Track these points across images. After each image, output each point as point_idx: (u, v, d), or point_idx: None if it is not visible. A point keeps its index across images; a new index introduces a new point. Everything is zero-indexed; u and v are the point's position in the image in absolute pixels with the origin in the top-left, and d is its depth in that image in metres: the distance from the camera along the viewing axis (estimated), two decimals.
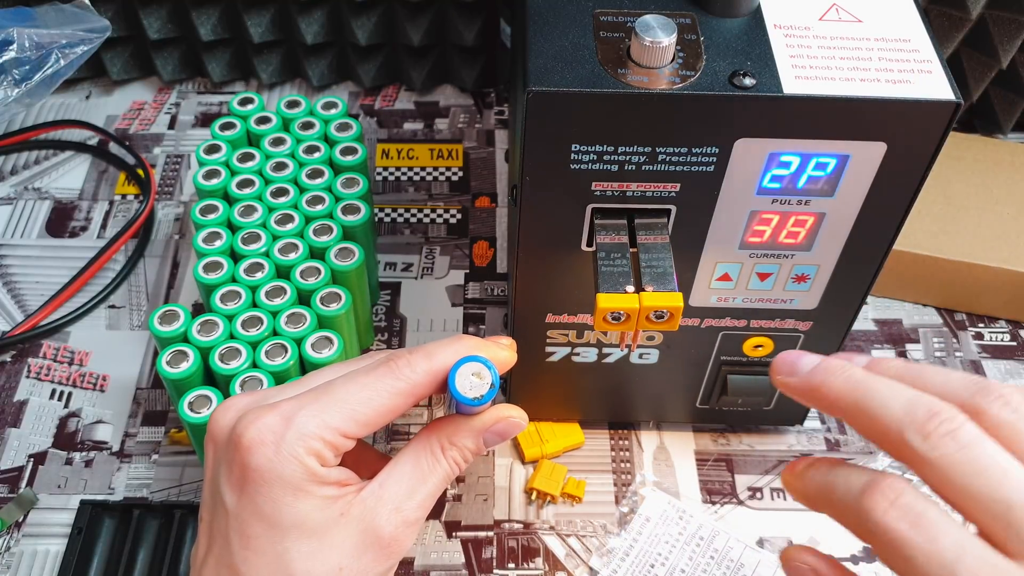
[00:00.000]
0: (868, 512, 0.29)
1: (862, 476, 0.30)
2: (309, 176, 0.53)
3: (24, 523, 0.49)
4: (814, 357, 0.33)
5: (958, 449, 0.28)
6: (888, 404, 0.30)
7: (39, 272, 0.61)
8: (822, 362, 0.32)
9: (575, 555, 0.49)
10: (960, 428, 0.28)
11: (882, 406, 0.30)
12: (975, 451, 0.28)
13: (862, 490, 0.29)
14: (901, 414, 0.29)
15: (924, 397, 0.29)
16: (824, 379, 0.32)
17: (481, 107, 0.72)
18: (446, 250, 0.62)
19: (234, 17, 0.68)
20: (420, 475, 0.36)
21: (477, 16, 0.68)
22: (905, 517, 0.28)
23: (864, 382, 0.31)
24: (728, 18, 0.38)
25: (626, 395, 0.51)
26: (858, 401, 0.30)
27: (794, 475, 0.33)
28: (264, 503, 0.33)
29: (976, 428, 0.29)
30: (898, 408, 0.29)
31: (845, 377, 0.31)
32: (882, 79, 0.36)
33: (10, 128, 0.68)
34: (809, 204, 0.39)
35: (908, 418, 0.29)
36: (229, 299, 0.48)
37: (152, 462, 0.52)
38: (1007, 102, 0.68)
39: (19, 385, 0.55)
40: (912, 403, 0.29)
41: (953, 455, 0.28)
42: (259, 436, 0.33)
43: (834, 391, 0.31)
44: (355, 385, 0.34)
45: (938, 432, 0.28)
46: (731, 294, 0.44)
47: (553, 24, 0.37)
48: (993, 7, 0.62)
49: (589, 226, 0.40)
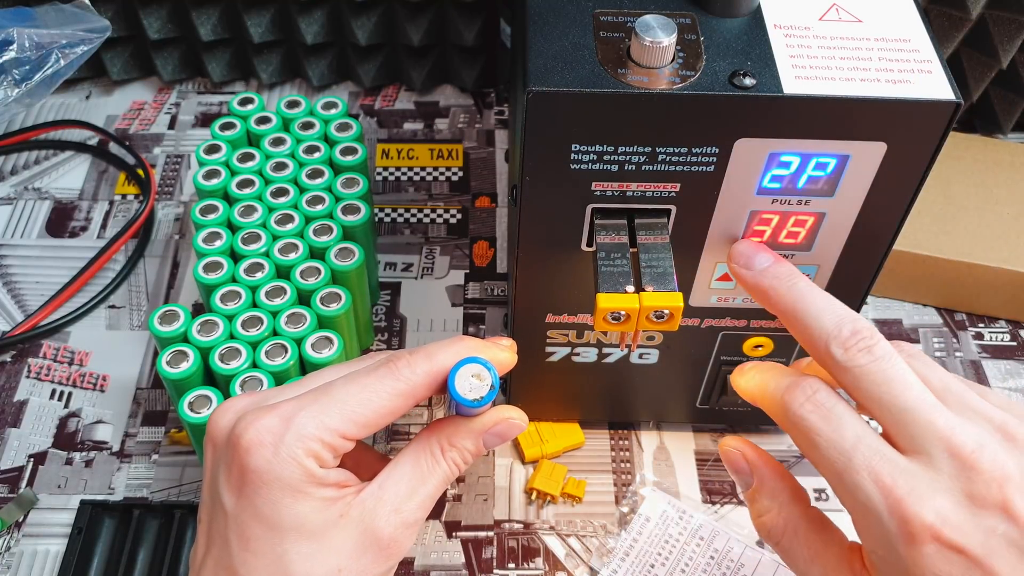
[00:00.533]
0: (788, 404, 0.34)
1: (788, 377, 0.35)
2: (309, 176, 0.53)
3: (24, 523, 0.49)
4: (768, 256, 0.38)
5: (871, 361, 0.33)
6: (821, 317, 0.35)
7: (39, 272, 0.61)
8: (772, 265, 0.37)
9: (575, 555, 0.49)
10: (876, 345, 0.33)
11: (816, 318, 0.35)
12: (884, 364, 0.33)
13: (787, 387, 0.35)
14: (830, 327, 0.34)
15: (853, 315, 0.34)
16: (771, 283, 0.37)
17: (481, 107, 0.72)
18: (446, 250, 0.62)
19: (234, 17, 0.68)
20: (420, 476, 0.36)
21: (477, 16, 0.68)
22: (817, 411, 0.33)
23: (805, 293, 0.36)
24: (728, 18, 0.38)
25: (626, 395, 0.51)
26: (796, 310, 0.35)
27: (740, 374, 0.39)
28: (263, 504, 0.33)
29: (890, 347, 0.34)
30: (828, 322, 0.34)
31: (789, 284, 0.36)
32: (882, 79, 0.36)
33: (10, 128, 0.68)
34: (809, 204, 0.39)
35: (835, 331, 0.34)
36: (229, 299, 0.48)
37: (152, 462, 0.52)
38: (1007, 102, 0.68)
39: (19, 385, 0.55)
40: (841, 319, 0.34)
41: (866, 366, 0.33)
42: (258, 437, 0.33)
43: (777, 296, 0.36)
44: (355, 386, 0.34)
45: (857, 347, 0.33)
46: (731, 294, 0.44)
47: (553, 24, 0.37)
48: (993, 7, 0.62)
49: (589, 226, 0.40)
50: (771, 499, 0.37)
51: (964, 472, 0.31)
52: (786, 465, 0.52)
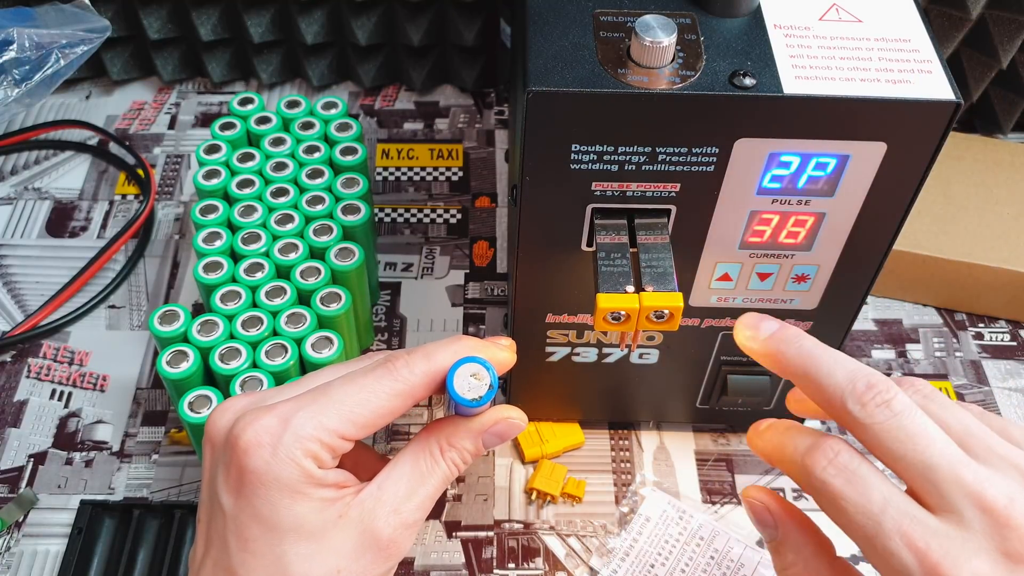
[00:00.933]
0: (811, 468, 0.33)
1: (808, 438, 0.34)
2: (309, 176, 0.53)
3: (24, 523, 0.49)
4: (773, 322, 0.37)
5: (891, 416, 0.32)
6: (833, 374, 0.33)
7: (39, 272, 0.61)
8: (778, 330, 0.36)
9: (575, 555, 0.49)
10: (894, 399, 0.32)
11: (827, 375, 0.34)
12: (905, 419, 0.32)
13: (807, 449, 0.33)
14: (843, 383, 0.33)
15: (865, 370, 0.33)
16: (779, 347, 0.36)
17: (481, 107, 0.72)
18: (446, 250, 0.62)
19: (234, 17, 0.68)
20: (419, 477, 0.36)
21: (477, 16, 0.68)
22: (841, 474, 0.32)
23: (812, 353, 0.35)
24: (728, 18, 0.38)
25: (626, 395, 0.51)
26: (807, 370, 0.34)
27: (756, 434, 0.38)
28: (261, 505, 0.33)
29: (908, 399, 0.32)
30: (841, 378, 0.33)
31: (797, 347, 0.35)
32: (882, 79, 0.36)
33: (10, 128, 0.68)
34: (809, 204, 0.39)
35: (849, 387, 0.33)
36: (229, 299, 0.48)
37: (152, 462, 0.52)
38: (1007, 102, 0.68)
39: (19, 385, 0.55)
40: (854, 374, 0.33)
41: (886, 422, 0.32)
42: (256, 438, 0.33)
43: (786, 359, 0.35)
44: (353, 387, 0.34)
45: (874, 401, 0.32)
46: (731, 294, 0.44)
47: (553, 24, 0.37)
48: (993, 7, 0.62)
49: (589, 226, 0.40)
50: (796, 553, 0.36)
51: (998, 530, 0.30)
52: None
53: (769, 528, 0.37)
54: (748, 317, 0.38)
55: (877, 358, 0.58)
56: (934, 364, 0.57)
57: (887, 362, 0.57)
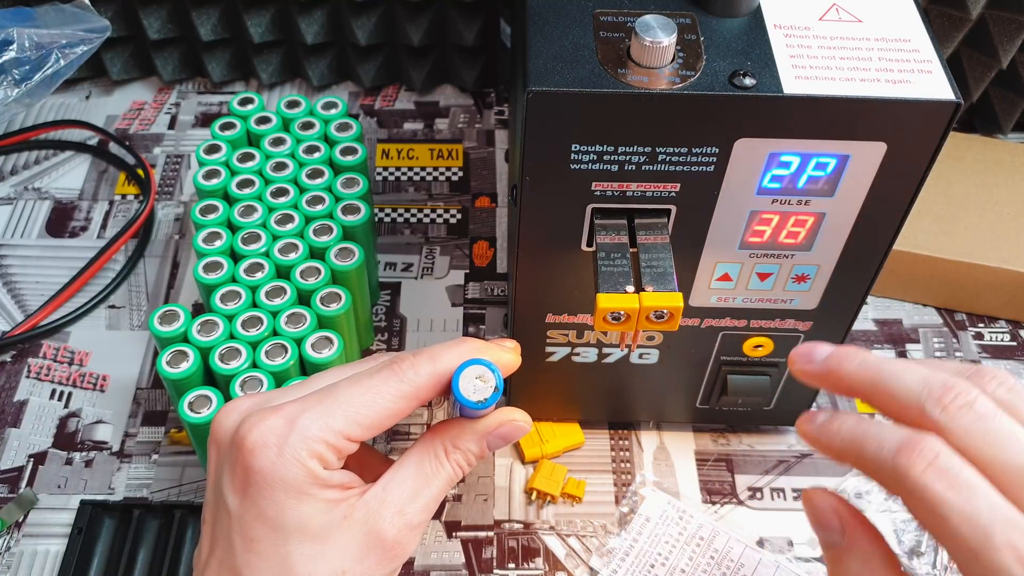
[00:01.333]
0: (905, 470, 0.30)
1: (896, 433, 0.31)
2: (309, 176, 0.53)
3: (24, 523, 0.49)
4: (827, 346, 0.35)
5: (977, 419, 0.30)
6: (904, 380, 0.31)
7: (39, 272, 0.61)
8: (836, 350, 0.34)
9: (575, 555, 0.49)
10: (976, 400, 0.30)
11: (898, 382, 0.31)
12: (993, 422, 0.30)
13: (898, 449, 0.30)
14: (918, 388, 0.31)
15: (937, 373, 0.31)
16: (839, 364, 0.34)
17: (481, 107, 0.72)
18: (446, 250, 0.62)
19: (234, 17, 0.68)
20: (423, 478, 0.36)
21: (477, 16, 0.68)
22: (943, 477, 0.29)
23: (877, 363, 0.33)
24: (728, 18, 0.38)
25: (626, 395, 0.51)
26: (874, 380, 0.32)
27: (815, 426, 0.34)
28: (267, 506, 0.33)
29: (990, 401, 0.30)
30: (914, 383, 0.31)
31: (860, 360, 0.33)
32: (882, 79, 0.36)
33: (10, 128, 0.68)
34: (809, 204, 0.39)
35: (925, 391, 0.31)
36: (229, 299, 0.48)
37: (152, 462, 0.52)
38: (1007, 102, 0.68)
39: (19, 385, 0.55)
40: (926, 379, 0.31)
41: (973, 424, 0.30)
42: (262, 438, 0.33)
43: (850, 373, 0.33)
44: (358, 388, 0.35)
45: (956, 404, 0.30)
46: (731, 294, 0.44)
47: (553, 24, 0.37)
48: (993, 7, 0.62)
49: (589, 226, 0.40)
50: (863, 563, 0.33)
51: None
52: (785, 466, 0.52)
53: (832, 532, 0.34)
54: (801, 347, 0.35)
55: None
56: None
57: None
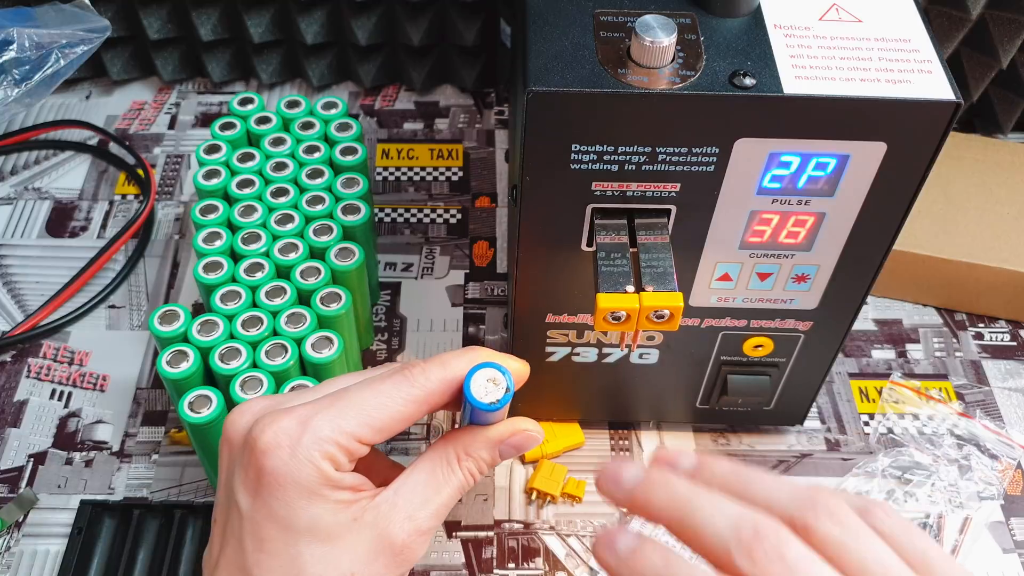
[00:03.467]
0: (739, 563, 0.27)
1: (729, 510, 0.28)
2: (309, 176, 0.53)
3: (24, 523, 0.49)
4: (637, 470, 0.31)
5: (784, 571, 0.27)
6: (713, 522, 0.28)
7: (39, 272, 0.61)
8: (646, 476, 0.30)
9: (575, 555, 0.49)
10: (786, 549, 0.27)
11: (707, 523, 0.28)
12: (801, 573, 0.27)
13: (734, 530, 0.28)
14: (727, 533, 0.28)
15: (749, 514, 0.28)
16: (646, 494, 0.30)
17: (481, 107, 0.72)
18: (446, 250, 0.62)
19: (234, 17, 0.68)
20: (435, 485, 0.36)
21: (477, 16, 0.68)
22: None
23: (686, 498, 0.29)
24: (728, 18, 0.38)
25: (626, 395, 0.51)
26: (683, 518, 0.29)
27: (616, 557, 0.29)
28: (278, 506, 0.33)
29: (802, 547, 0.27)
30: (723, 526, 0.28)
31: (668, 492, 0.30)
32: (882, 79, 0.36)
33: (10, 128, 0.68)
34: (809, 204, 0.39)
35: (734, 538, 0.27)
36: (229, 299, 0.48)
37: (152, 462, 0.52)
38: (1007, 102, 0.68)
39: (19, 385, 0.55)
40: (738, 521, 0.28)
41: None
42: (275, 439, 0.33)
43: (658, 508, 0.30)
44: (370, 391, 0.35)
45: (766, 555, 0.27)
46: (731, 294, 0.44)
47: (553, 24, 0.37)
48: (993, 7, 0.62)
49: (589, 226, 0.40)
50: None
51: None
52: (786, 466, 0.52)
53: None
54: (608, 466, 0.31)
55: (877, 358, 0.58)
56: (934, 364, 0.57)
57: (887, 362, 0.57)
